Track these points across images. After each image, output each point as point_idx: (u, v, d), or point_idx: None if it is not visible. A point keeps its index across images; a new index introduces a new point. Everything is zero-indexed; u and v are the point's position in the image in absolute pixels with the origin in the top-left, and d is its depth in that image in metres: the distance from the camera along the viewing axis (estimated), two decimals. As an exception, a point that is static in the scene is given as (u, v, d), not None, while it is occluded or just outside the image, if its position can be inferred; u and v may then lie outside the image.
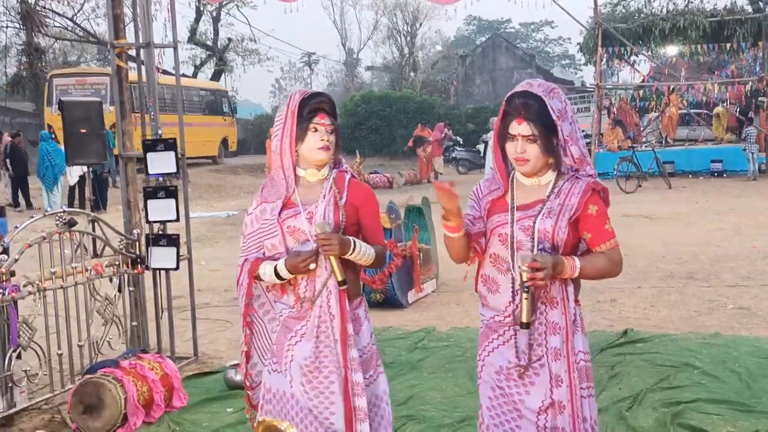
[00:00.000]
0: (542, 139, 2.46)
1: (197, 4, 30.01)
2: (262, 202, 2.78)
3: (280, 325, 2.77)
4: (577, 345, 2.52)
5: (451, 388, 4.75)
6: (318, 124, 2.69)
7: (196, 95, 25.40)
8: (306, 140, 2.70)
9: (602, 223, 2.51)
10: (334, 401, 2.67)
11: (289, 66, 54.72)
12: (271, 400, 2.76)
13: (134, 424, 4.21)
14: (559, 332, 2.50)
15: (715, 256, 8.87)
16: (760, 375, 4.73)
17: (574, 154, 2.51)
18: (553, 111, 2.46)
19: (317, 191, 2.74)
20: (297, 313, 2.73)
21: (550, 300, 2.50)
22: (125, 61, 5.47)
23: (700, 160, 19.90)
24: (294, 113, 2.70)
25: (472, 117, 32.23)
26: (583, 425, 2.50)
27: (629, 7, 24.18)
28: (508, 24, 62.12)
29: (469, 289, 7.62)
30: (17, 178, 16.59)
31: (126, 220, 5.41)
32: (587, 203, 2.49)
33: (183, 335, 5.87)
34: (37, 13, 24.88)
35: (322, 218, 2.67)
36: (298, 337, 2.72)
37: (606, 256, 2.52)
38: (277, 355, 2.75)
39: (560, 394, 2.48)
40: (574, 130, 2.52)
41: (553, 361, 2.49)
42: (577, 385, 2.49)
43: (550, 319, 2.50)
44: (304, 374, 2.69)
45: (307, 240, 2.68)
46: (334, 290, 2.68)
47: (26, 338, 4.44)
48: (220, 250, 11.06)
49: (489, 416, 2.60)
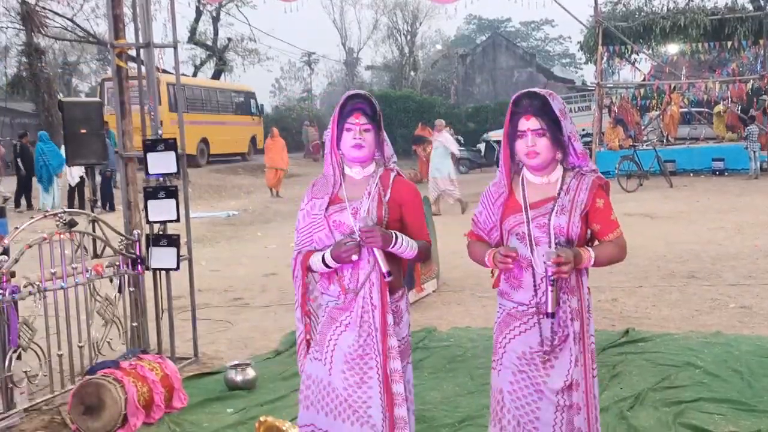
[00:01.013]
0: (550, 132, 2.66)
1: (197, 4, 30.02)
2: (312, 198, 2.95)
3: (325, 316, 2.93)
4: (591, 329, 2.76)
5: (452, 388, 4.74)
6: (352, 124, 2.85)
7: (228, 97, 27.20)
8: (343, 139, 2.88)
9: (609, 215, 2.73)
10: (371, 395, 2.82)
11: (289, 66, 54.77)
12: (310, 386, 2.93)
13: (134, 424, 4.21)
14: (578, 318, 2.71)
15: (717, 254, 8.86)
16: (761, 374, 4.71)
17: (577, 149, 2.73)
18: (555, 109, 2.67)
19: (363, 188, 2.90)
20: (342, 303, 2.89)
21: (570, 289, 2.70)
22: (125, 61, 5.46)
23: (702, 159, 19.88)
24: (336, 114, 2.89)
25: (473, 116, 32.25)
26: (594, 401, 2.75)
27: (630, 5, 24.13)
28: (508, 23, 62.13)
29: (470, 288, 7.64)
30: (27, 178, 16.64)
31: (126, 220, 5.41)
32: (595, 197, 2.70)
33: (183, 336, 5.87)
34: (37, 14, 24.83)
35: (366, 213, 2.83)
36: (343, 327, 2.87)
37: (614, 244, 2.75)
38: (319, 344, 2.91)
39: (577, 374, 2.70)
40: (574, 130, 2.74)
41: (574, 344, 2.69)
42: (590, 365, 2.73)
43: (573, 306, 2.70)
44: (347, 362, 2.84)
45: (352, 234, 2.84)
46: (377, 282, 2.83)
47: (26, 339, 4.44)
48: (221, 251, 11.06)
49: (510, 399, 2.76)
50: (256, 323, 6.71)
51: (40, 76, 24.87)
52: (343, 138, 2.87)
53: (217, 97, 26.87)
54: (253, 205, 17.34)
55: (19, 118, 29.44)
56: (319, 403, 2.88)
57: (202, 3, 29.62)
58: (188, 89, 24.92)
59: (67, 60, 39.72)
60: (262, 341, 6.10)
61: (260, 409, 4.50)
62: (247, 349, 5.91)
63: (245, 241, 12.07)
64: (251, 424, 3.89)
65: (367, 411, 2.81)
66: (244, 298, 7.77)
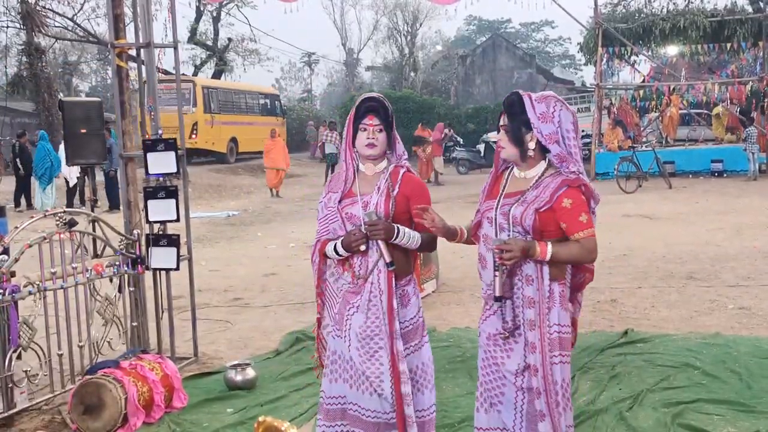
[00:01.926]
0: (512, 131, 2.94)
1: (197, 4, 30.02)
2: (329, 192, 3.23)
3: (341, 298, 3.21)
4: (552, 318, 2.89)
5: (451, 389, 4.74)
6: (366, 124, 3.12)
7: (255, 99, 29.12)
8: (357, 138, 3.14)
9: (576, 215, 2.86)
10: (382, 370, 3.08)
11: (289, 66, 54.83)
12: (336, 360, 3.21)
13: (134, 424, 4.21)
14: (533, 306, 2.89)
15: (716, 256, 8.86)
16: (760, 375, 4.72)
17: (552, 151, 2.91)
18: (534, 111, 2.89)
19: (374, 183, 3.16)
20: (354, 288, 3.16)
21: (526, 278, 2.90)
22: (125, 61, 5.47)
23: (701, 160, 19.88)
24: (351, 115, 3.15)
25: (473, 117, 32.23)
26: (554, 387, 2.89)
27: (629, 7, 24.16)
28: (508, 24, 62.11)
29: (470, 289, 7.64)
30: (25, 178, 16.63)
31: (126, 220, 5.41)
32: (561, 197, 2.87)
33: (183, 335, 5.87)
34: (38, 13, 24.85)
35: (374, 207, 3.08)
36: (355, 309, 3.14)
37: (579, 244, 2.87)
38: (338, 323, 3.20)
39: (534, 359, 2.88)
40: (558, 132, 2.89)
41: (528, 331, 2.90)
42: (548, 353, 2.88)
43: (526, 294, 2.90)
44: (359, 340, 3.12)
45: (362, 225, 3.09)
46: (383, 270, 3.09)
47: (26, 338, 4.44)
48: (221, 251, 11.06)
49: (481, 375, 3.07)
50: (256, 323, 6.71)
51: (40, 75, 24.89)
52: (358, 137, 3.13)
53: (245, 99, 28.26)
54: (253, 205, 17.35)
55: (19, 118, 29.39)
56: (342, 376, 3.18)
57: (202, 3, 29.64)
58: (220, 92, 26.46)
59: (67, 60, 39.69)
60: (262, 341, 6.11)
61: (260, 409, 4.51)
62: (247, 349, 5.91)
63: (245, 241, 12.07)
64: (251, 424, 3.90)
65: (380, 384, 3.08)
66: (244, 298, 7.77)
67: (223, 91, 27.10)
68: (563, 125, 2.91)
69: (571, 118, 2.94)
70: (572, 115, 2.94)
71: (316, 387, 4.89)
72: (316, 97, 53.68)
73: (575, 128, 2.95)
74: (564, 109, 2.93)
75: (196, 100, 24.14)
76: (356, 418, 3.14)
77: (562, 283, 2.96)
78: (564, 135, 2.90)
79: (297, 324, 6.51)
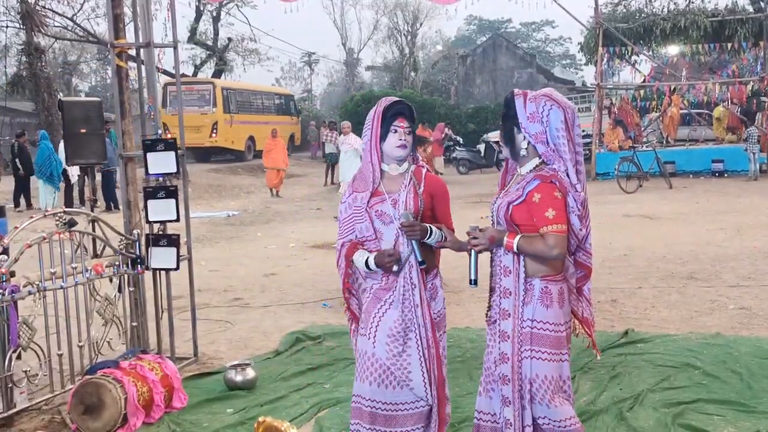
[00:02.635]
0: (503, 131, 3.12)
1: (197, 3, 29.97)
2: (353, 192, 3.31)
3: (370, 296, 3.30)
4: (526, 312, 3.00)
5: (451, 389, 4.70)
6: (398, 127, 3.25)
7: (271, 99, 30.95)
8: (388, 139, 3.26)
9: (543, 210, 2.95)
10: (410, 362, 3.21)
11: (289, 66, 54.77)
12: (359, 358, 3.31)
13: (134, 424, 4.21)
14: (509, 297, 3.03)
15: (716, 256, 8.86)
16: (761, 375, 4.72)
17: (539, 150, 3.04)
18: (524, 111, 3.01)
19: (399, 182, 3.29)
20: (386, 284, 3.27)
21: (504, 269, 3.05)
22: (125, 61, 5.46)
23: (701, 160, 19.87)
24: (379, 117, 3.26)
25: (473, 117, 32.22)
26: (522, 381, 3.02)
27: (630, 6, 24.10)
28: (508, 24, 62.08)
29: (469, 289, 7.62)
30: (25, 178, 16.62)
31: (126, 220, 5.41)
32: (532, 192, 2.98)
33: (183, 336, 5.87)
34: (37, 13, 24.82)
35: (403, 204, 3.22)
36: (387, 306, 3.26)
37: (542, 239, 2.95)
38: (363, 321, 3.30)
39: (505, 347, 3.04)
40: (546, 132, 2.99)
41: (501, 319, 3.05)
42: (518, 345, 3.01)
43: (503, 285, 3.05)
44: (390, 335, 3.22)
45: (392, 222, 3.23)
46: (415, 265, 3.22)
47: (26, 338, 4.44)
48: (221, 251, 11.05)
49: (484, 360, 3.21)
50: (256, 323, 6.71)
51: (40, 75, 24.87)
52: (388, 138, 3.26)
53: (262, 100, 29.56)
54: (253, 205, 17.34)
55: (19, 118, 29.41)
56: (363, 374, 3.25)
57: (202, 3, 29.61)
58: (238, 93, 27.66)
59: (67, 59, 39.70)
60: (262, 341, 6.10)
61: (260, 409, 4.50)
62: (247, 349, 5.91)
63: (245, 241, 12.07)
64: (251, 424, 3.89)
65: (408, 376, 3.20)
66: (244, 298, 7.77)
67: (241, 92, 28.19)
68: (552, 124, 2.98)
69: (562, 116, 2.99)
70: (564, 112, 2.99)
71: (316, 387, 4.89)
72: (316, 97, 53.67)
73: (567, 126, 3.00)
74: (555, 107, 2.98)
75: (215, 101, 25.42)
76: (389, 418, 3.23)
77: (548, 279, 3.02)
78: (553, 134, 2.99)
79: (297, 324, 6.51)
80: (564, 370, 3.07)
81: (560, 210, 2.96)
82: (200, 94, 25.63)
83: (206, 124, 25.29)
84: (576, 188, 3.00)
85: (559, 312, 3.03)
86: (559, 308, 3.04)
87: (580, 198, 3.02)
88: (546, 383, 3.02)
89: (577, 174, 3.02)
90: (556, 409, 3.02)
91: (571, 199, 2.99)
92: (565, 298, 3.07)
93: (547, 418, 3.04)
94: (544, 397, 3.02)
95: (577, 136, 3.06)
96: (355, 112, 29.97)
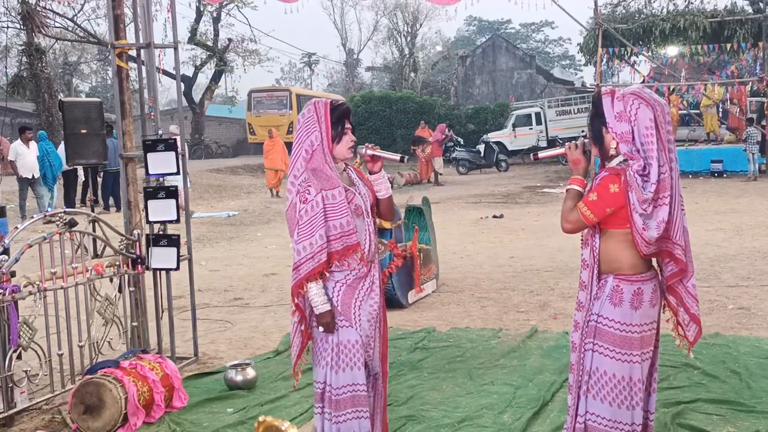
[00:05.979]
0: (592, 131, 3.11)
1: (197, 4, 30.05)
2: (321, 190, 3.21)
3: (343, 288, 3.27)
4: (595, 307, 3.05)
5: (451, 389, 4.75)
6: (347, 129, 3.31)
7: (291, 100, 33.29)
8: (342, 142, 3.30)
9: (590, 191, 3.04)
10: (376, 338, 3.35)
11: (289, 66, 54.79)
12: (343, 350, 3.29)
13: (134, 424, 4.21)
14: (584, 289, 3.09)
15: (715, 256, 8.87)
16: (760, 375, 4.73)
17: (620, 150, 3.00)
18: (612, 110, 3.00)
19: (346, 178, 3.35)
20: (361, 273, 3.30)
21: (582, 262, 3.11)
22: (126, 62, 5.47)
23: (701, 160, 19.90)
24: (327, 119, 3.26)
25: (472, 117, 32.24)
26: (583, 369, 3.07)
27: (629, 7, 24.17)
28: (508, 24, 62.15)
29: (470, 289, 7.64)
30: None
31: (126, 220, 5.41)
32: (599, 180, 3.04)
33: (183, 335, 5.87)
34: (38, 14, 24.83)
35: (367, 198, 3.33)
36: (365, 292, 3.31)
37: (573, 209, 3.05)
38: (344, 314, 3.27)
39: (575, 337, 3.14)
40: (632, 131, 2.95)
41: (577, 310, 3.15)
42: (583, 336, 3.07)
43: (582, 277, 3.11)
44: (369, 320, 3.31)
45: (363, 214, 3.28)
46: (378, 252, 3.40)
47: (26, 338, 4.44)
48: (221, 251, 11.06)
49: None
50: (256, 323, 6.71)
51: (40, 76, 24.87)
52: (342, 140, 3.29)
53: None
54: (253, 205, 17.34)
55: (20, 118, 29.42)
56: (356, 365, 3.27)
57: (202, 3, 29.66)
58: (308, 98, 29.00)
59: (67, 60, 39.73)
60: (262, 341, 6.11)
61: (260, 409, 4.51)
62: (247, 349, 5.92)
63: (245, 241, 12.08)
64: (251, 424, 3.90)
65: (372, 354, 3.34)
66: (244, 298, 7.77)
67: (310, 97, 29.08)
68: (640, 123, 2.93)
69: (651, 115, 2.92)
70: (653, 110, 2.92)
71: (316, 387, 4.89)
72: (316, 97, 53.68)
73: (657, 124, 2.92)
74: (643, 105, 2.93)
75: (291, 104, 30.38)
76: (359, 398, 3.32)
77: (621, 278, 3.00)
78: (641, 132, 2.93)
79: (297, 324, 6.51)
80: (634, 372, 3.01)
81: (604, 200, 2.96)
82: (278, 99, 31.12)
83: (284, 123, 29.23)
84: (645, 188, 2.90)
85: (630, 312, 2.99)
86: (630, 308, 2.99)
87: (643, 200, 2.90)
88: (605, 379, 3.01)
89: (659, 174, 2.90)
90: (610, 408, 3.00)
91: (633, 197, 2.90)
92: (644, 300, 3.01)
93: (596, 415, 3.03)
94: (599, 393, 3.02)
95: (668, 133, 2.97)
96: (355, 112, 30.01)
